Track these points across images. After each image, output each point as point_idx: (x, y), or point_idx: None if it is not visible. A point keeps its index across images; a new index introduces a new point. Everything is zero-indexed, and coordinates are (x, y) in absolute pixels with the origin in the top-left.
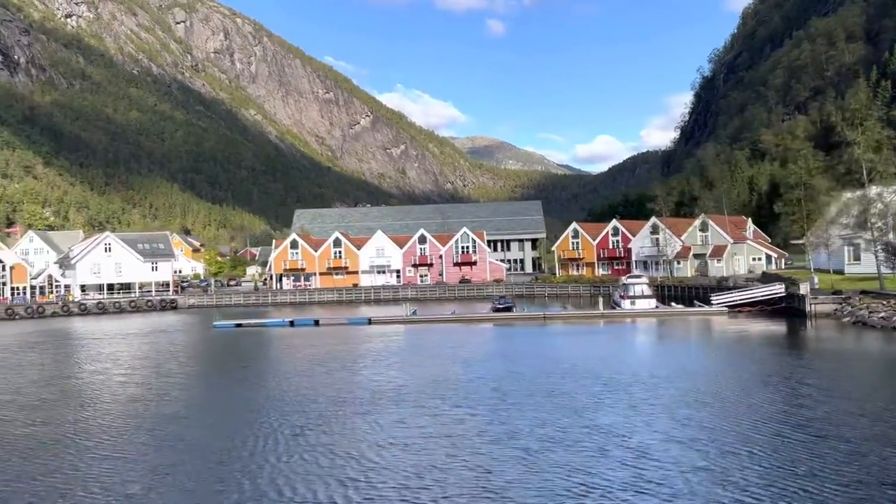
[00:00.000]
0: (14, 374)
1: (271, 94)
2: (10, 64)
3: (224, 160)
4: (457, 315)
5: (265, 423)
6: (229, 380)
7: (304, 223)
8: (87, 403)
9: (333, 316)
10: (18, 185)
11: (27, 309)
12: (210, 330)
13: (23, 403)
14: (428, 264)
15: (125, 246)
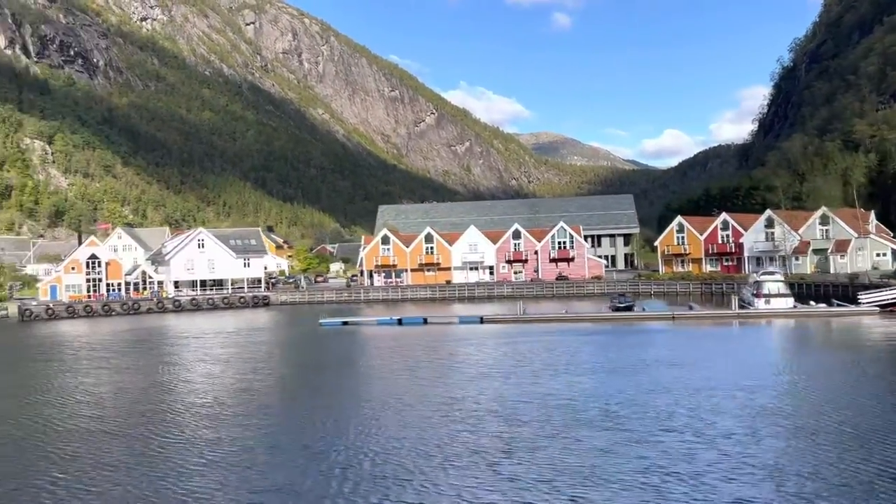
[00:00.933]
0: (136, 375)
1: (338, 94)
2: (90, 67)
3: (294, 159)
4: (575, 315)
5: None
6: (377, 386)
7: (388, 219)
8: (229, 410)
9: (442, 314)
10: (99, 185)
11: (123, 305)
12: (317, 328)
13: (163, 409)
14: (522, 260)
15: (218, 242)
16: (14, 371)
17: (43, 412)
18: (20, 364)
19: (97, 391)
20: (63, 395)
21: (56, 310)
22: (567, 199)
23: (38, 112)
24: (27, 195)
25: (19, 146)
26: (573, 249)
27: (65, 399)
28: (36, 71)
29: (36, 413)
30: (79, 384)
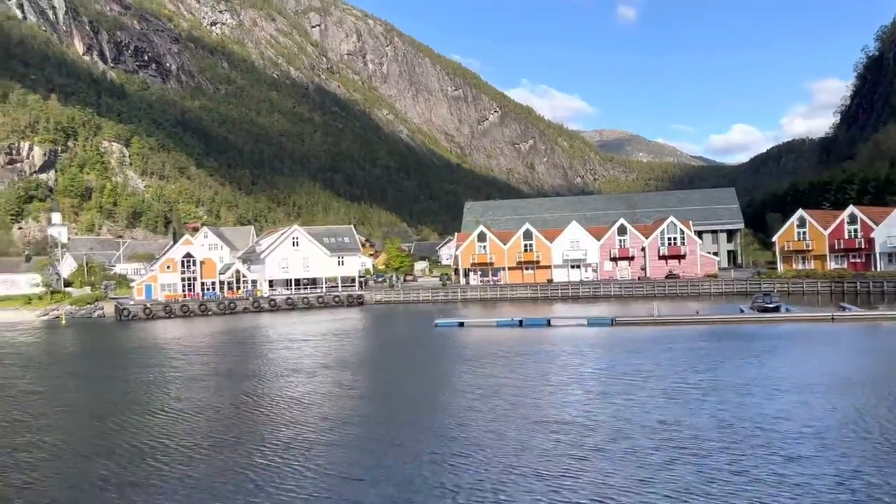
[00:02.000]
0: (275, 385)
1: (402, 94)
2: (163, 71)
3: (360, 159)
4: (719, 317)
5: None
6: (572, 409)
7: (476, 216)
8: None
9: (565, 315)
10: (174, 186)
11: (219, 305)
12: (431, 329)
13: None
14: (629, 258)
15: (312, 240)
16: (131, 377)
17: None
18: (135, 368)
19: (239, 402)
20: (197, 410)
21: (154, 309)
22: (664, 193)
23: (115, 116)
24: (106, 197)
25: (98, 149)
26: (684, 246)
27: (202, 410)
28: (112, 76)
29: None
30: (210, 396)
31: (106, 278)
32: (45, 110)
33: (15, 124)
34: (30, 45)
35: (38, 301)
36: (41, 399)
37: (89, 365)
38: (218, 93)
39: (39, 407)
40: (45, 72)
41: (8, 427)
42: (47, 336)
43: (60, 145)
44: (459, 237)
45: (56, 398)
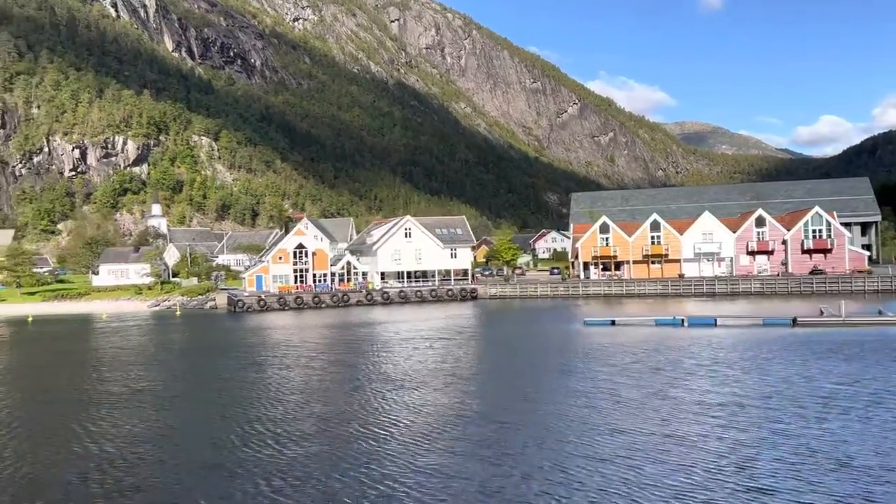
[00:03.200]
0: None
1: (480, 87)
2: (248, 67)
3: (439, 153)
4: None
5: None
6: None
7: (585, 207)
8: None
9: (730, 314)
10: (261, 179)
11: (333, 297)
12: (580, 327)
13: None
14: (768, 251)
15: (425, 231)
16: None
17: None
18: (277, 370)
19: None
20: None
21: (268, 301)
22: (790, 183)
23: (203, 110)
24: (196, 189)
25: (188, 143)
26: (831, 239)
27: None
28: (200, 72)
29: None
30: (380, 401)
31: (210, 269)
32: (139, 105)
33: (110, 119)
34: (123, 43)
35: (147, 291)
36: (182, 401)
37: (227, 363)
38: (300, 88)
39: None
40: (138, 68)
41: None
42: (167, 327)
43: (153, 139)
44: (576, 229)
45: (211, 400)
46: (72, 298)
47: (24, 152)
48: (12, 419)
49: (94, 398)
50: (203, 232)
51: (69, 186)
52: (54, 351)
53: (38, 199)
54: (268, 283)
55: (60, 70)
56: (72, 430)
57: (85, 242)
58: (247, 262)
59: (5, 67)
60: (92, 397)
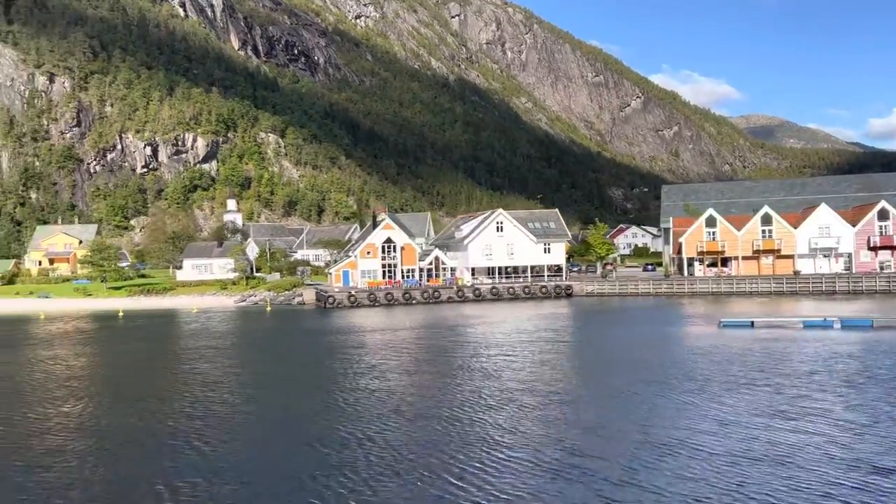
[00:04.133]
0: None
1: (541, 81)
2: (311, 65)
3: (500, 148)
4: None
5: None
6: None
7: (677, 200)
8: None
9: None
10: (326, 176)
11: (423, 293)
12: (717, 329)
13: None
14: (892, 247)
15: (518, 225)
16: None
17: None
18: (396, 375)
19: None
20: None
21: (358, 297)
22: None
23: (270, 108)
24: (264, 186)
25: (255, 140)
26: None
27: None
28: (265, 70)
29: None
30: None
31: (292, 265)
32: (208, 103)
33: (181, 117)
34: (192, 42)
35: (232, 286)
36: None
37: (339, 367)
38: (363, 85)
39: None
40: (206, 66)
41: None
42: (265, 324)
43: (221, 136)
44: (677, 223)
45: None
46: (158, 293)
47: (99, 150)
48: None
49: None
50: (276, 227)
51: (141, 183)
52: (185, 347)
53: (112, 196)
54: (354, 279)
55: (132, 69)
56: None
57: (167, 237)
58: (326, 257)
59: (81, 67)
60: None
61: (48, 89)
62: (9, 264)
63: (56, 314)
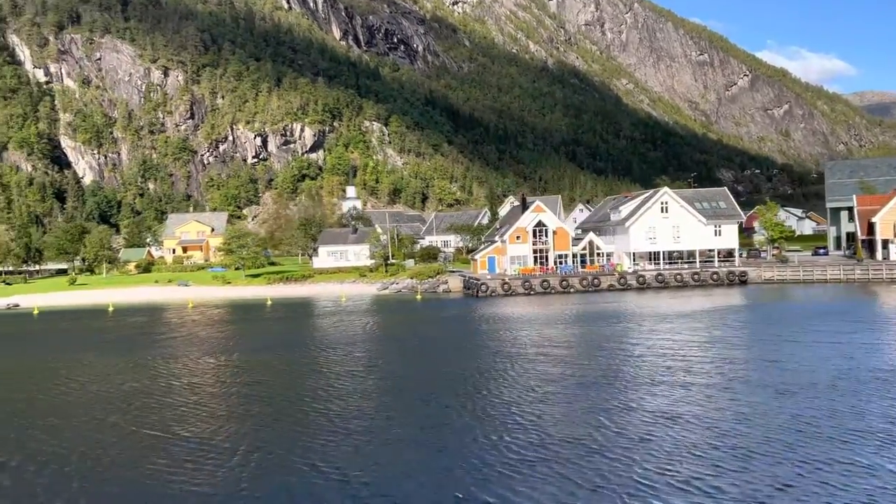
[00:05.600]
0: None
1: (642, 62)
2: (411, 53)
3: (602, 131)
4: None
5: None
6: None
7: (842, 177)
8: None
9: None
10: (429, 163)
11: (582, 281)
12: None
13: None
14: None
15: (685, 205)
16: None
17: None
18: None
19: None
20: None
21: (512, 285)
22: None
23: (373, 96)
24: (369, 174)
25: (360, 128)
26: None
27: None
28: (366, 59)
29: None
30: None
31: (426, 251)
32: (314, 93)
33: (288, 107)
34: (296, 33)
35: (371, 274)
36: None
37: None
38: (461, 71)
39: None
40: (311, 57)
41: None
42: (433, 313)
43: (328, 126)
44: (863, 200)
45: None
46: (296, 281)
47: (212, 141)
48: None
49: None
50: (395, 213)
51: (252, 173)
52: (379, 337)
53: (225, 186)
54: (501, 265)
55: (241, 61)
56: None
57: (300, 224)
58: (456, 243)
59: (193, 61)
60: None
61: (163, 83)
62: (142, 253)
63: (204, 302)
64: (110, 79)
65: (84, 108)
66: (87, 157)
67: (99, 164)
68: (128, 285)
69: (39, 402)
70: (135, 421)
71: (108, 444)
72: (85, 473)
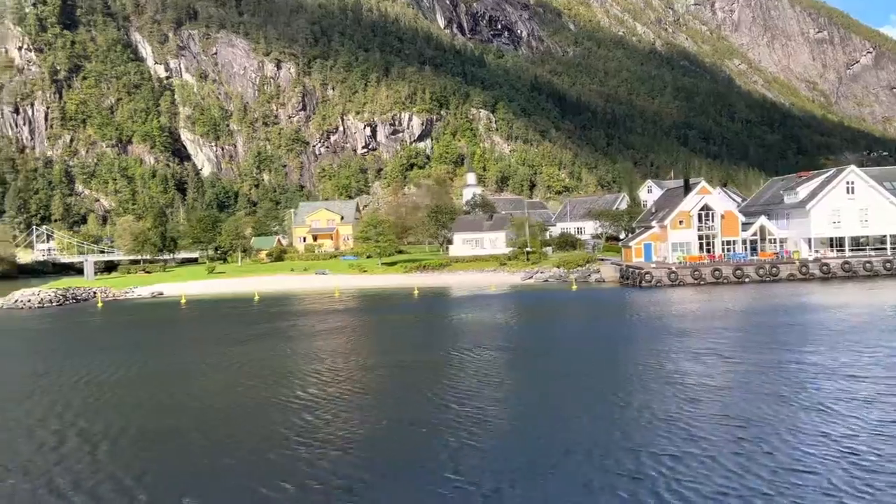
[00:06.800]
0: None
1: (755, 41)
2: (515, 39)
3: (715, 114)
4: None
5: None
6: None
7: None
8: None
9: None
10: (537, 150)
11: (759, 270)
12: None
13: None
14: None
15: (875, 185)
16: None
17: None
18: None
19: None
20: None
21: (680, 274)
22: None
23: (478, 84)
24: (476, 162)
25: (467, 116)
26: None
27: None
28: (471, 46)
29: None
30: None
31: (564, 238)
32: (421, 82)
33: (397, 97)
34: (402, 23)
35: (510, 262)
36: None
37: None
38: (566, 56)
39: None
40: (417, 46)
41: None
42: (607, 306)
43: (435, 114)
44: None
45: None
46: (434, 269)
47: (323, 132)
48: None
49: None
50: (514, 201)
51: (362, 163)
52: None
53: (336, 176)
54: (658, 252)
55: (350, 52)
56: None
57: (430, 211)
58: (596, 229)
59: (304, 53)
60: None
61: (276, 76)
62: (271, 241)
63: (349, 291)
64: (226, 73)
65: (202, 101)
66: (206, 150)
67: (216, 155)
68: (263, 273)
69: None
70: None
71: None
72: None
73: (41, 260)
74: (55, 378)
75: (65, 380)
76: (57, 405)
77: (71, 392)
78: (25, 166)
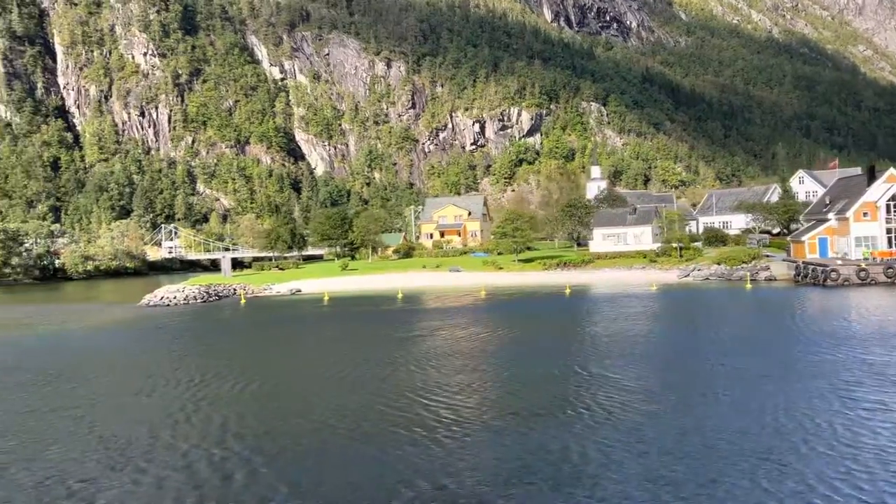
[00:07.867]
0: None
1: (882, 25)
2: (624, 30)
3: (839, 103)
4: None
5: None
6: None
7: None
8: None
9: None
10: (651, 143)
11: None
12: None
13: None
14: None
15: None
16: None
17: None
18: None
19: None
20: None
21: (871, 272)
22: None
23: (589, 76)
24: (587, 157)
25: (577, 110)
26: None
27: None
28: (579, 39)
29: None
30: None
31: (713, 234)
32: (531, 76)
33: (506, 92)
34: (510, 17)
35: (660, 258)
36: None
37: None
38: (678, 46)
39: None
40: (525, 40)
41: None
42: (813, 311)
43: (544, 108)
44: None
45: None
46: (575, 266)
47: (432, 129)
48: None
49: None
50: (643, 194)
51: (471, 159)
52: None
53: (445, 173)
54: (834, 247)
55: (459, 48)
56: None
57: (565, 206)
58: (747, 223)
59: (413, 51)
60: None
61: (386, 75)
62: (398, 238)
63: (494, 290)
64: (338, 73)
65: (315, 102)
66: (319, 149)
67: (329, 155)
68: (394, 271)
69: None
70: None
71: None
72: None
73: (169, 257)
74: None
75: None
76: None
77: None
78: (151, 167)
